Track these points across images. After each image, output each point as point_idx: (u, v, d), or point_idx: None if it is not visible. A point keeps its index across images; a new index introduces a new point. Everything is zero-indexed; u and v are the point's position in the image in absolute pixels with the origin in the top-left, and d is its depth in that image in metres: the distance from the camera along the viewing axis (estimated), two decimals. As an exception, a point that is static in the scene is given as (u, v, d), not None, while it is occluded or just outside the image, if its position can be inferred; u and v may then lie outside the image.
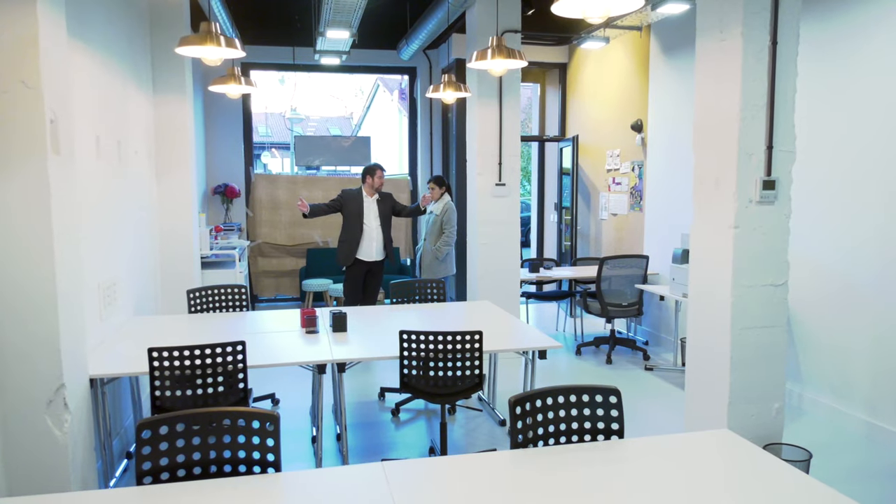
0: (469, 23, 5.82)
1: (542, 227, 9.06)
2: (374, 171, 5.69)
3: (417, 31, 6.71)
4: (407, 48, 7.45)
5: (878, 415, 3.99)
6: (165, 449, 1.89)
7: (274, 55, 7.98)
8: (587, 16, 2.43)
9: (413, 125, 8.87)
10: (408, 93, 9.01)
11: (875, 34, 3.94)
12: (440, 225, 6.04)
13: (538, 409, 2.12)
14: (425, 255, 6.11)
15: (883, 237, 3.93)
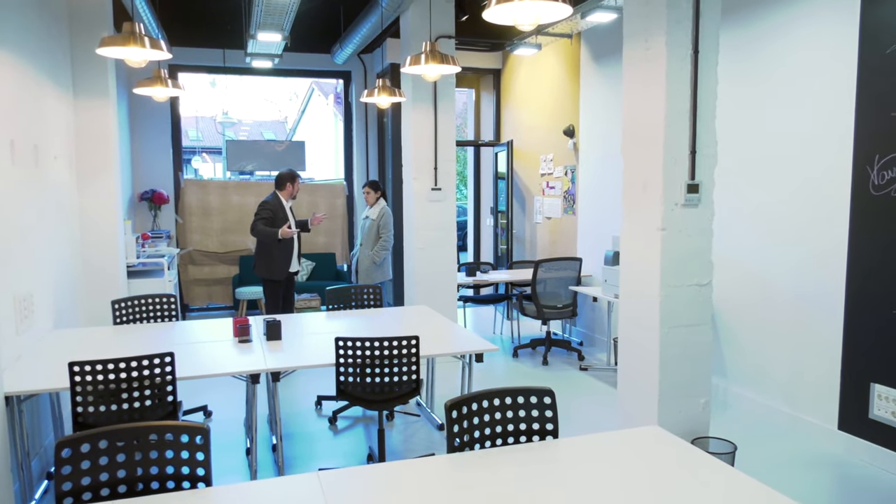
0: (403, 28, 5.82)
1: (479, 230, 9.14)
2: (295, 179, 5.60)
3: (351, 35, 6.67)
4: (341, 52, 7.40)
5: (796, 406, 4.20)
6: (87, 468, 1.80)
7: (203, 57, 7.77)
8: (517, 23, 2.46)
9: (348, 130, 8.81)
10: (343, 97, 8.93)
11: (788, 40, 4.15)
12: (377, 230, 6.01)
13: (474, 412, 2.13)
14: (363, 261, 6.07)
15: (799, 238, 4.13)
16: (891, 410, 3.58)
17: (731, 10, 4.56)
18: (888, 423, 3.60)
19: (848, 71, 3.76)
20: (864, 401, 3.73)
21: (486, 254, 8.96)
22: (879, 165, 3.59)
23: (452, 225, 5.89)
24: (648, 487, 1.78)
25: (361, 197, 7.54)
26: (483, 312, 8.22)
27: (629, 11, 3.33)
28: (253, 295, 7.29)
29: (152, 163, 7.65)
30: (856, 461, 3.75)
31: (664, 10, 3.07)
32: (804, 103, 4.06)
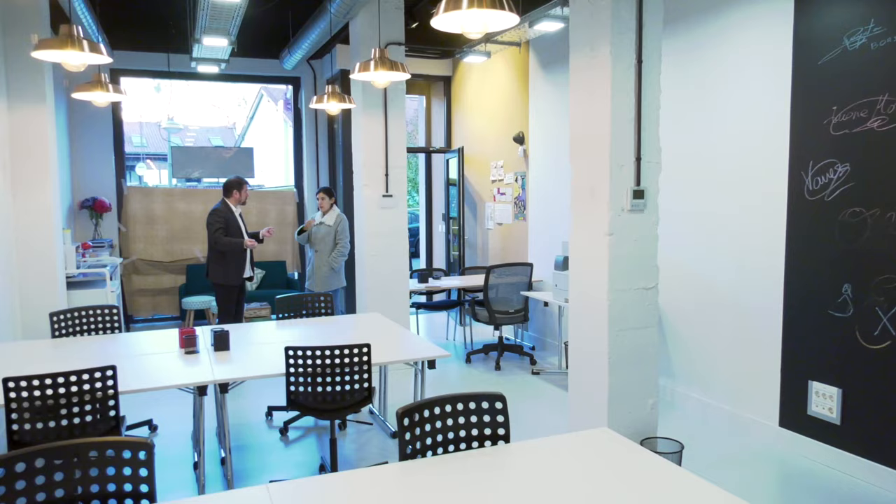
0: (352, 34, 5.80)
1: (431, 237, 9.15)
2: (242, 185, 5.60)
3: (300, 40, 6.61)
4: (290, 58, 7.32)
5: (739, 405, 4.33)
6: (23, 488, 1.73)
7: (147, 62, 7.58)
8: (465, 31, 2.48)
9: (298, 136, 8.71)
10: (293, 103, 8.83)
11: (726, 49, 4.30)
12: (334, 236, 5.96)
13: (426, 419, 2.13)
14: (320, 268, 6.00)
15: (739, 242, 4.27)
16: (827, 407, 3.73)
17: (673, 20, 4.69)
18: (825, 419, 3.75)
19: (784, 80, 3.92)
20: (803, 398, 3.88)
21: (439, 260, 8.98)
22: (814, 171, 3.74)
23: (404, 231, 5.88)
24: (598, 489, 1.81)
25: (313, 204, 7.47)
26: (436, 319, 8.22)
27: (575, 22, 3.40)
28: (201, 305, 7.12)
29: (93, 170, 7.41)
30: (796, 456, 3.89)
31: (608, 21, 3.14)
32: (743, 111, 4.21)
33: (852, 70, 3.50)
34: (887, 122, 3.34)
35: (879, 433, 3.46)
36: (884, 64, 3.34)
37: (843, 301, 3.62)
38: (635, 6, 3.19)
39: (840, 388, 3.66)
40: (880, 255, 3.41)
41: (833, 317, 3.67)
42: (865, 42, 3.43)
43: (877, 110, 3.39)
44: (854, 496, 3.38)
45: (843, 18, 3.54)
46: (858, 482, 3.53)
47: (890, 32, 3.31)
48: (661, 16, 3.28)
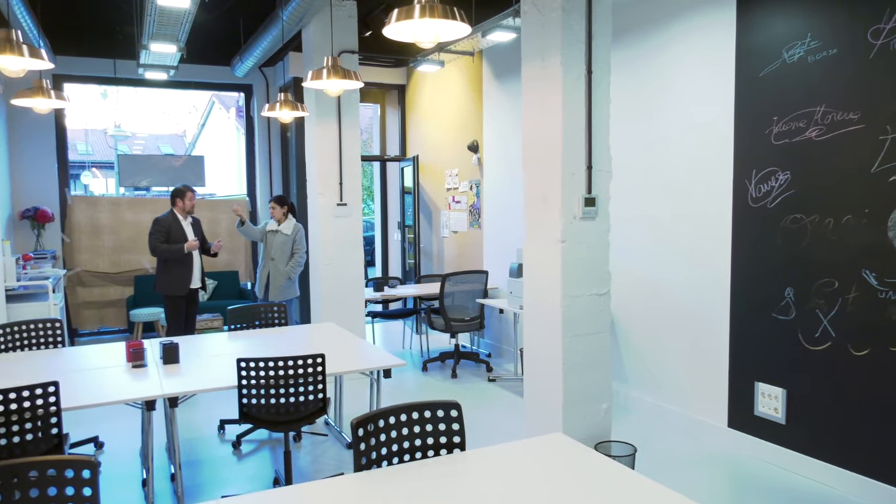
0: (305, 42, 5.76)
1: (387, 245, 9.12)
2: (184, 194, 5.47)
3: (252, 48, 6.53)
4: (241, 65, 7.22)
5: (690, 407, 4.43)
6: (-44, 512, 1.65)
7: (92, 67, 7.37)
8: (418, 40, 2.50)
9: (250, 144, 8.59)
10: (245, 111, 8.71)
11: (673, 60, 4.42)
12: (291, 245, 5.88)
13: (381, 429, 2.12)
14: (276, 277, 5.90)
15: (688, 247, 4.39)
16: (773, 407, 3.84)
17: (621, 31, 4.80)
18: (771, 419, 3.86)
19: (728, 90, 4.05)
20: (750, 399, 3.99)
21: (394, 268, 8.95)
22: (756, 179, 3.87)
23: (359, 240, 5.85)
24: (552, 494, 1.82)
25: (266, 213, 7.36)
26: (392, 327, 8.19)
27: (526, 33, 3.44)
28: (149, 317, 6.94)
29: (35, 179, 7.16)
30: (744, 456, 3.99)
31: (559, 33, 3.20)
32: (690, 119, 4.33)
33: (791, 82, 3.64)
34: (825, 132, 3.48)
35: (822, 431, 3.59)
36: (820, 76, 3.49)
37: (786, 304, 3.74)
38: (585, 18, 3.25)
39: (784, 388, 3.78)
40: (820, 260, 3.54)
41: (777, 320, 3.80)
42: (803, 55, 3.57)
43: (814, 121, 3.53)
44: (800, 493, 3.49)
45: (781, 32, 3.68)
46: (804, 480, 3.65)
47: (825, 46, 3.45)
48: (609, 27, 3.35)
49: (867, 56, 3.26)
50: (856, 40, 3.31)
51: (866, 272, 3.32)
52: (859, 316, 3.36)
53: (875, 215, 3.26)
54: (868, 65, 3.26)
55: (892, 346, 3.22)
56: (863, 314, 3.35)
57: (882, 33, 3.19)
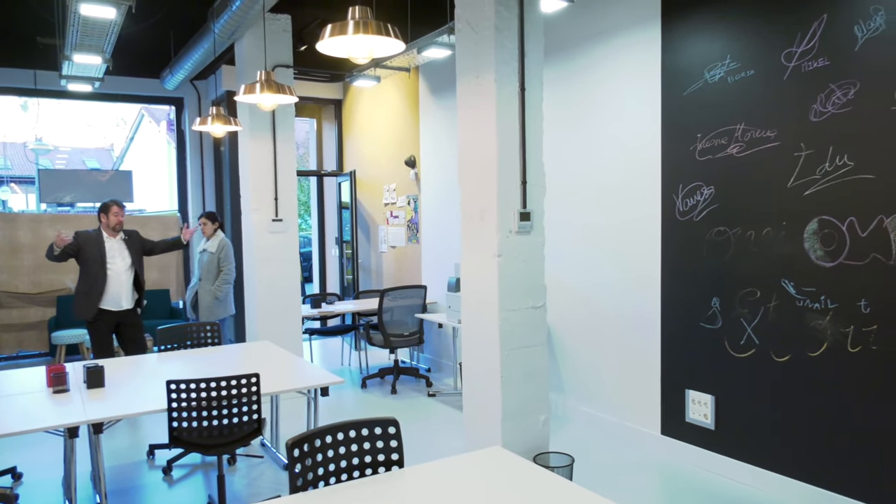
0: (238, 55, 5.67)
1: (324, 261, 9.01)
2: (108, 209, 5.00)
3: (183, 60, 6.37)
4: (172, 78, 7.03)
5: (625, 416, 4.53)
6: None
7: (10, 78, 7.04)
8: (352, 56, 2.49)
9: (182, 159, 8.36)
10: (175, 124, 8.48)
11: (601, 78, 4.56)
12: (217, 263, 5.72)
13: (318, 448, 2.08)
14: (203, 297, 5.74)
15: (620, 260, 4.51)
16: (703, 413, 3.98)
17: (553, 49, 4.93)
18: (701, 425, 3.99)
19: (655, 108, 4.20)
20: (681, 406, 4.11)
21: (333, 284, 8.85)
22: (683, 193, 4.02)
23: (295, 256, 5.76)
24: (490, 508, 1.83)
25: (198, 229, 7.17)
26: (330, 344, 8.08)
27: (461, 50, 3.49)
28: (73, 339, 6.62)
29: (-54, 195, 6.74)
30: (677, 462, 4.11)
31: (492, 50, 3.25)
32: (620, 136, 4.46)
33: (713, 101, 3.81)
34: (744, 149, 3.65)
35: (749, 436, 3.73)
36: (739, 96, 3.66)
37: (712, 314, 3.89)
38: (517, 36, 3.32)
39: (713, 395, 3.91)
40: (743, 271, 3.70)
41: (704, 328, 3.94)
42: (723, 75, 3.74)
43: (735, 138, 3.70)
44: (730, 497, 3.62)
45: (703, 53, 3.85)
46: (734, 483, 3.78)
47: (744, 67, 3.63)
48: (541, 45, 3.43)
49: (781, 77, 3.45)
50: (771, 62, 3.49)
51: (785, 282, 3.48)
52: (780, 323, 3.52)
53: (792, 227, 3.44)
54: (782, 85, 3.45)
55: (811, 351, 3.38)
56: (783, 322, 3.51)
57: (794, 56, 3.38)
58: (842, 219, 3.22)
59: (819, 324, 3.34)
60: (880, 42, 3.04)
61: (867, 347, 3.15)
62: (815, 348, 3.37)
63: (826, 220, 3.29)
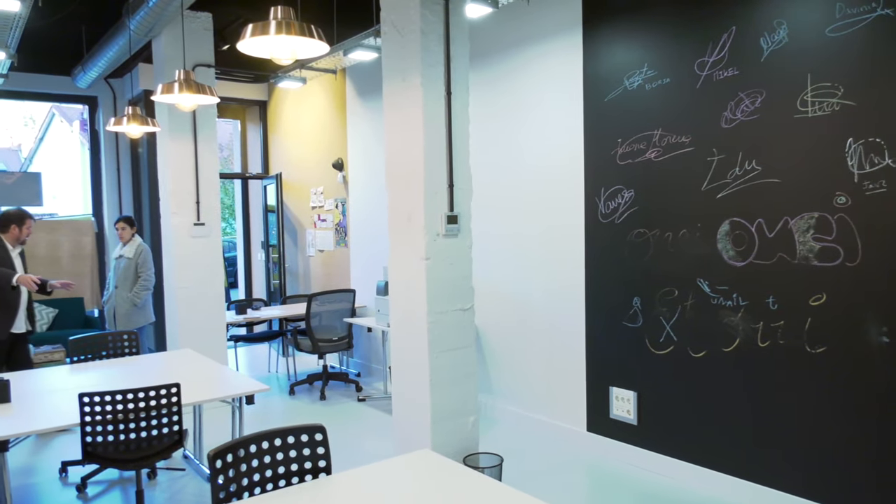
0: (156, 53, 5.46)
1: (250, 265, 8.80)
2: (23, 220, 4.54)
3: (96, 57, 6.09)
4: (84, 75, 6.70)
5: (553, 414, 4.62)
6: None
7: None
8: (275, 56, 2.44)
9: (96, 160, 7.98)
10: (89, 124, 8.08)
11: (526, 83, 4.65)
12: (135, 269, 5.49)
13: (241, 458, 2.02)
14: (120, 304, 5.48)
15: (547, 261, 4.60)
16: (626, 409, 4.10)
17: (479, 54, 4.99)
18: (625, 421, 4.12)
19: (577, 112, 4.31)
20: (606, 403, 4.23)
21: (259, 289, 8.65)
22: (605, 197, 4.14)
23: (219, 261, 5.59)
24: (418, 511, 1.82)
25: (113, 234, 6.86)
26: (257, 351, 7.89)
27: (387, 53, 3.48)
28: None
29: None
30: (602, 458, 4.22)
31: (418, 54, 3.26)
32: (545, 139, 4.56)
33: (632, 107, 3.95)
34: (662, 154, 3.80)
35: (670, 429, 3.87)
36: (656, 102, 3.81)
37: (634, 313, 4.02)
38: (443, 40, 3.34)
39: (635, 391, 4.04)
40: (661, 271, 3.84)
41: (627, 327, 4.07)
42: (641, 83, 3.88)
43: (653, 143, 3.84)
44: (653, 490, 3.74)
45: (622, 61, 3.98)
46: (657, 476, 3.91)
47: (660, 76, 3.77)
48: (467, 50, 3.47)
49: (695, 85, 3.60)
50: (685, 71, 3.65)
51: (700, 281, 3.64)
52: (696, 321, 3.68)
53: (706, 229, 3.60)
54: (696, 93, 3.60)
55: (725, 347, 3.55)
56: (699, 319, 3.67)
57: (706, 65, 3.54)
58: (751, 220, 3.39)
59: (732, 320, 3.51)
60: (783, 54, 3.22)
61: (775, 342, 3.33)
62: (728, 344, 3.53)
63: (737, 222, 3.46)
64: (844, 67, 3.01)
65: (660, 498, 3.62)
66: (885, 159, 2.89)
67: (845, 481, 3.10)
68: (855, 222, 3.00)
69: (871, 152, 2.94)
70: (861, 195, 2.98)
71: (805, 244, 3.19)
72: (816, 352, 3.17)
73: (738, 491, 3.53)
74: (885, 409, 2.96)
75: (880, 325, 2.94)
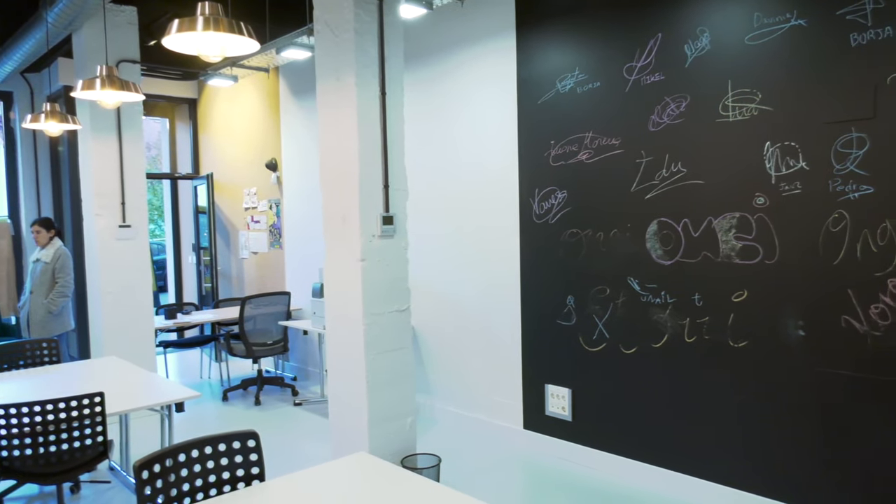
0: (76, 48, 5.22)
1: (180, 269, 8.52)
2: None
3: (10, 51, 5.77)
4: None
5: (490, 413, 4.67)
6: None
7: None
8: (202, 53, 2.38)
9: (12, 159, 7.56)
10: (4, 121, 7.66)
11: (462, 84, 4.68)
12: (52, 274, 5.22)
13: (170, 468, 1.96)
14: (35, 311, 5.21)
15: (483, 262, 4.64)
16: (561, 406, 4.18)
17: (414, 55, 4.98)
18: (560, 418, 4.20)
19: (512, 114, 4.36)
20: (541, 401, 4.30)
21: (190, 293, 8.39)
22: (539, 197, 4.21)
23: (146, 264, 5.39)
24: (354, 515, 1.81)
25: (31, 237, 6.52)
26: (188, 357, 7.65)
27: (320, 53, 3.44)
28: None
29: None
30: (539, 455, 4.29)
31: (352, 54, 3.24)
32: (480, 140, 4.60)
33: (564, 110, 4.03)
34: (593, 155, 3.89)
35: (603, 425, 3.97)
36: (588, 105, 3.90)
37: (568, 311, 4.10)
38: (377, 40, 3.33)
39: (570, 388, 4.13)
40: (594, 270, 3.94)
41: (561, 325, 4.15)
42: (573, 86, 3.97)
43: (584, 145, 3.93)
44: (588, 485, 3.83)
45: (555, 64, 4.06)
46: (592, 471, 4.00)
47: (591, 79, 3.87)
48: (401, 50, 3.46)
49: (623, 89, 3.71)
50: (614, 75, 3.75)
51: (631, 279, 3.75)
52: (627, 318, 3.79)
53: (636, 229, 3.71)
54: (625, 97, 3.71)
55: (654, 343, 3.66)
56: (630, 316, 3.77)
57: (634, 70, 3.65)
58: (677, 220, 3.52)
59: (660, 317, 3.63)
60: (706, 60, 3.35)
61: (700, 337, 3.46)
62: (657, 340, 3.65)
63: (664, 222, 3.58)
64: (762, 74, 3.15)
65: (594, 492, 3.71)
66: (800, 162, 3.05)
67: (767, 467, 3.26)
68: (773, 222, 3.16)
69: (787, 155, 3.09)
70: (778, 196, 3.13)
71: (727, 243, 3.33)
72: (739, 346, 3.31)
73: (669, 482, 3.65)
74: (801, 399, 3.12)
75: (797, 320, 3.10)
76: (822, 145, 2.98)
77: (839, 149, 2.93)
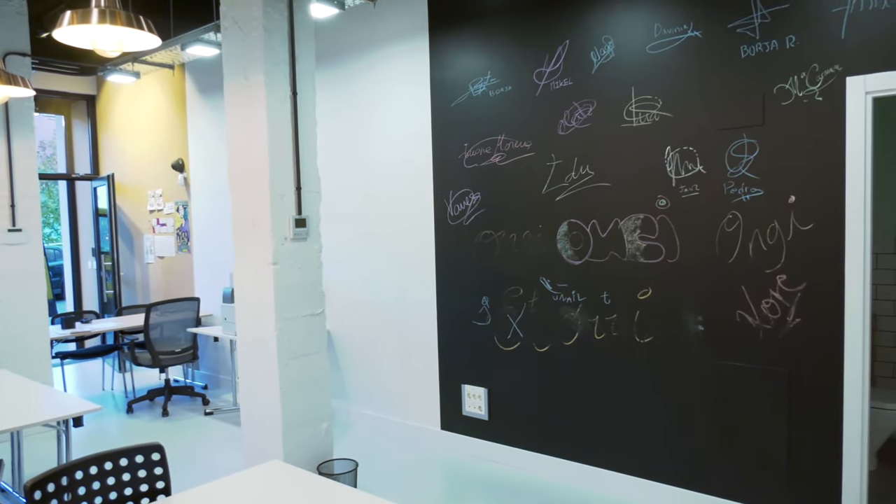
0: (-42, 38, 4.83)
1: (79, 275, 8.05)
2: None
3: None
4: None
5: (407, 416, 4.66)
6: None
7: None
8: (99, 48, 2.26)
9: None
10: None
11: (375, 85, 4.65)
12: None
13: (65, 487, 1.84)
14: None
15: (399, 264, 4.63)
16: (477, 405, 4.23)
17: (326, 56, 4.92)
18: (476, 417, 4.25)
19: (426, 116, 4.38)
20: (458, 401, 4.34)
21: (90, 301, 7.93)
22: (453, 199, 4.25)
23: (40, 270, 5.06)
24: (266, 526, 1.76)
25: None
26: (89, 368, 7.23)
27: (228, 51, 3.34)
28: None
29: None
30: (456, 454, 4.32)
31: (261, 53, 3.16)
32: (395, 142, 4.59)
33: (477, 113, 4.08)
34: (505, 158, 3.96)
35: (519, 422, 4.05)
36: (500, 109, 3.97)
37: (483, 312, 4.16)
38: (288, 39, 3.26)
39: (486, 387, 4.18)
40: (508, 271, 4.01)
41: (476, 326, 4.20)
42: (486, 90, 4.03)
43: (497, 147, 4.00)
44: (506, 481, 3.89)
45: (467, 67, 4.11)
46: (509, 468, 4.07)
47: (503, 83, 3.94)
48: (312, 50, 3.41)
49: (534, 94, 3.80)
50: (525, 80, 3.83)
51: (543, 279, 3.84)
52: (540, 317, 3.88)
53: (547, 230, 3.80)
54: (535, 101, 3.80)
55: (566, 341, 3.77)
56: (542, 316, 3.87)
57: (544, 75, 3.75)
58: (586, 221, 3.64)
59: (571, 316, 3.74)
60: (611, 67, 3.48)
61: (609, 334, 3.59)
62: (569, 338, 3.76)
63: (574, 223, 3.69)
64: (662, 82, 3.31)
65: (510, 487, 3.77)
66: (697, 166, 3.22)
67: (673, 457, 3.41)
68: (674, 223, 3.32)
69: (686, 160, 3.26)
70: (678, 198, 3.29)
71: (633, 243, 3.47)
72: (644, 341, 3.46)
73: (582, 476, 3.76)
74: (704, 390, 3.29)
75: (696, 315, 3.27)
76: (717, 150, 3.16)
77: (732, 154, 3.12)
